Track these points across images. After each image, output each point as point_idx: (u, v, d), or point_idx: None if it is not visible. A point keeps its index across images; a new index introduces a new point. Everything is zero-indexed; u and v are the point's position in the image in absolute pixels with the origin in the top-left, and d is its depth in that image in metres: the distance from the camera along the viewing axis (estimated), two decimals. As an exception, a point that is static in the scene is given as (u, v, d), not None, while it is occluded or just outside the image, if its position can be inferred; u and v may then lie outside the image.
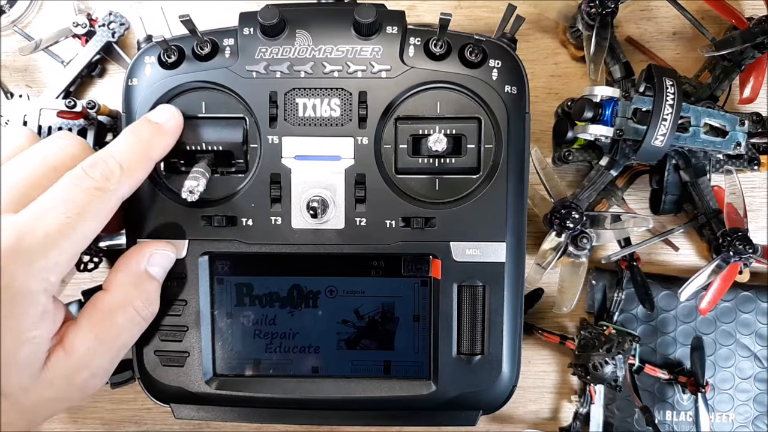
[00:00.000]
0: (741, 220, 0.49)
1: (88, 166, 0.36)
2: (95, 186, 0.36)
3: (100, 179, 0.36)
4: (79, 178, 0.36)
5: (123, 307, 0.39)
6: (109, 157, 0.37)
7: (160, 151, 0.40)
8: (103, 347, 0.38)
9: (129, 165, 0.38)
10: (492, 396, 0.43)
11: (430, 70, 0.41)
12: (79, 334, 0.37)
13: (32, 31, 0.53)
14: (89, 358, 0.37)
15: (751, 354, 0.54)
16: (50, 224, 0.34)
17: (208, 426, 0.56)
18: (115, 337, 0.38)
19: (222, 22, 0.43)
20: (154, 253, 0.40)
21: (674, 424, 0.54)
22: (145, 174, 0.39)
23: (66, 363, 0.36)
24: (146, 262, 0.40)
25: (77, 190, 0.35)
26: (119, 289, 0.39)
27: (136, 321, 0.39)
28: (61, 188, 0.36)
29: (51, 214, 0.34)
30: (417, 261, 0.43)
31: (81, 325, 0.37)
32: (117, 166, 0.37)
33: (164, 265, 0.41)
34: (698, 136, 0.48)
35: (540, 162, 0.49)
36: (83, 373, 0.37)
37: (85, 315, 0.38)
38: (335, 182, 0.42)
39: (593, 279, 0.54)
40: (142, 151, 0.39)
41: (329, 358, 0.44)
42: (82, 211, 0.35)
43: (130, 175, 0.38)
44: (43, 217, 0.34)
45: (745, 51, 0.49)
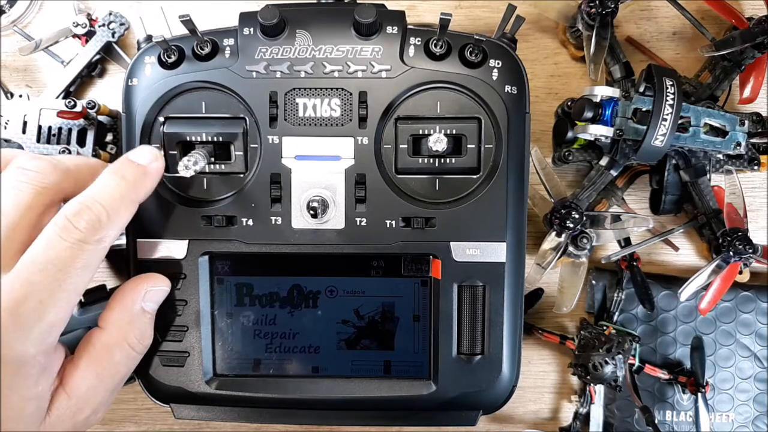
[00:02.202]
0: (741, 220, 0.49)
1: (73, 215, 0.35)
2: (82, 239, 0.34)
3: (87, 230, 0.35)
4: (64, 231, 0.34)
5: (119, 344, 0.39)
6: (94, 203, 0.36)
7: (144, 193, 0.39)
8: (102, 385, 0.38)
9: (115, 209, 0.36)
10: (492, 396, 0.43)
11: (430, 70, 0.41)
12: (78, 375, 0.37)
13: (32, 31, 0.53)
14: (90, 397, 0.38)
15: (751, 354, 0.54)
16: (42, 289, 0.33)
17: (208, 426, 0.56)
18: (114, 374, 0.39)
19: (222, 22, 0.43)
20: (149, 291, 0.40)
21: (674, 424, 0.54)
22: (129, 217, 0.37)
23: (68, 404, 0.37)
24: (141, 300, 0.40)
25: (63, 246, 0.34)
26: (115, 327, 0.39)
27: (131, 356, 0.40)
28: (46, 245, 0.34)
29: (41, 278, 0.33)
30: (417, 261, 0.43)
31: (80, 365, 0.37)
32: (103, 213, 0.35)
33: (158, 300, 0.41)
34: (698, 136, 0.48)
35: (540, 162, 0.49)
36: (86, 411, 0.38)
37: (83, 355, 0.38)
38: (335, 182, 0.42)
39: (593, 279, 0.54)
40: (128, 193, 0.37)
41: (329, 358, 0.44)
42: (72, 268, 0.34)
43: (117, 220, 0.36)
44: (34, 283, 0.33)
45: (745, 51, 0.49)
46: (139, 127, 0.42)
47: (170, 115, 0.42)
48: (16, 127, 0.49)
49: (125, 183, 0.37)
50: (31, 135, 0.49)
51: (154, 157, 0.39)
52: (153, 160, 0.39)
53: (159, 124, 0.42)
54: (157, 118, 0.42)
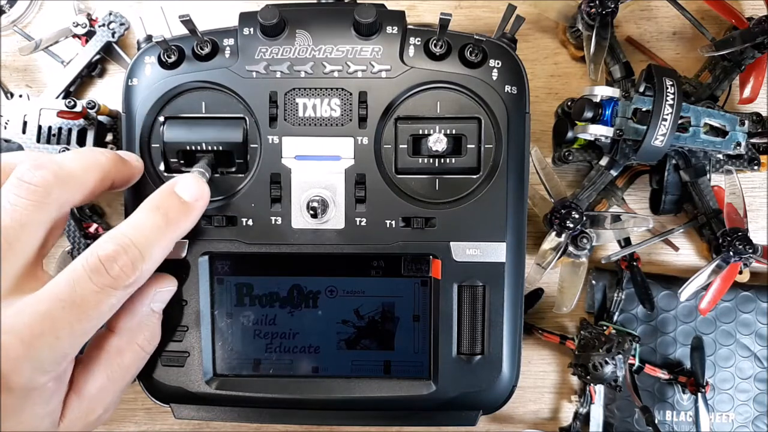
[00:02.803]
0: (741, 220, 0.49)
1: (106, 259, 0.33)
2: (112, 285, 0.33)
3: (118, 276, 0.33)
4: (94, 273, 0.33)
5: (129, 346, 0.39)
6: (130, 247, 0.34)
7: (183, 233, 0.37)
8: (113, 385, 0.38)
9: (152, 254, 0.34)
10: (492, 396, 0.43)
11: (430, 70, 0.41)
12: (90, 378, 0.37)
13: (32, 31, 0.53)
14: (101, 398, 0.38)
15: (751, 354, 0.54)
16: (62, 327, 0.32)
17: (208, 426, 0.56)
18: (124, 375, 0.39)
19: (222, 22, 0.43)
20: (158, 292, 0.40)
21: (674, 424, 0.54)
22: (164, 257, 0.36)
23: (80, 407, 0.37)
24: (150, 301, 0.39)
25: (91, 289, 0.33)
26: (125, 330, 0.39)
27: (141, 357, 0.40)
28: (74, 283, 0.33)
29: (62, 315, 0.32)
30: (417, 261, 0.43)
31: (91, 369, 0.38)
32: (139, 258, 0.34)
33: (166, 300, 0.41)
34: (698, 136, 0.48)
35: (540, 162, 0.49)
36: (98, 411, 0.38)
37: (94, 357, 0.38)
38: (335, 182, 0.42)
39: (593, 279, 0.54)
40: (168, 234, 0.36)
41: (329, 358, 0.44)
42: (96, 311, 0.33)
43: (151, 263, 0.35)
44: (56, 319, 0.32)
45: (745, 51, 0.49)
46: (139, 127, 0.42)
47: (170, 115, 0.42)
48: (16, 127, 0.49)
49: (166, 222, 0.36)
50: (31, 135, 0.49)
51: (201, 194, 0.38)
52: (199, 198, 0.37)
53: (159, 124, 0.42)
54: (157, 118, 0.42)
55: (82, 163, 0.36)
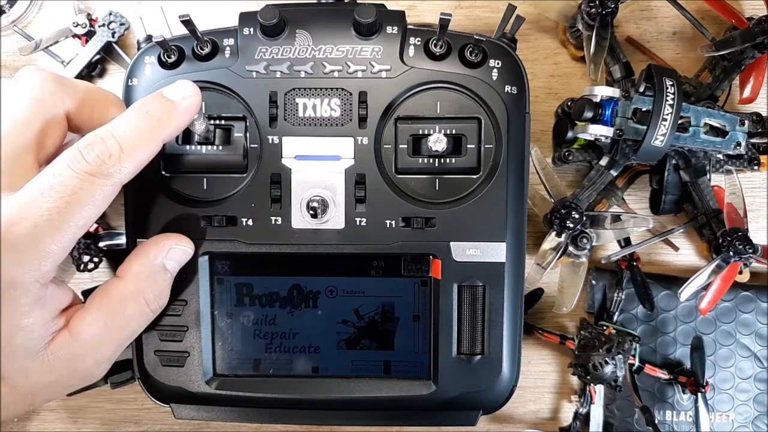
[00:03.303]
0: (741, 220, 0.49)
1: (84, 146, 0.34)
2: (89, 170, 0.33)
3: (96, 162, 0.34)
4: (72, 160, 0.33)
5: (134, 297, 0.38)
6: (109, 137, 0.34)
7: (170, 132, 0.37)
8: (110, 335, 0.37)
9: (131, 145, 0.35)
10: (492, 396, 0.43)
11: (430, 70, 0.41)
12: (87, 320, 0.36)
13: (32, 31, 0.53)
14: (95, 345, 0.37)
15: (751, 354, 0.54)
16: (39, 213, 0.32)
17: (208, 426, 0.56)
18: (124, 327, 0.38)
19: (222, 22, 0.43)
20: (173, 248, 0.40)
21: (674, 424, 0.54)
22: (149, 156, 0.36)
23: (70, 347, 0.36)
24: (164, 256, 0.39)
25: (70, 175, 0.33)
26: (133, 278, 0.38)
27: (145, 312, 0.39)
28: (53, 172, 0.33)
29: (41, 202, 0.32)
30: (417, 261, 0.43)
31: (90, 310, 0.37)
32: (116, 147, 0.34)
33: (180, 261, 0.40)
34: (698, 136, 0.48)
35: (540, 162, 0.49)
36: (87, 359, 0.37)
37: (95, 301, 0.37)
38: (335, 182, 0.42)
39: (593, 279, 0.54)
40: (149, 130, 0.36)
41: (329, 358, 0.44)
42: (74, 198, 0.33)
43: (132, 157, 0.35)
44: (33, 206, 0.32)
45: (745, 51, 0.49)
46: (139, 127, 0.42)
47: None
48: (16, 127, 0.49)
49: (147, 119, 0.36)
50: (31, 135, 0.49)
51: (189, 92, 0.37)
52: (187, 96, 0.37)
53: (159, 124, 0.42)
54: (157, 118, 0.42)
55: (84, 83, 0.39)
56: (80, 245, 0.51)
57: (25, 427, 0.56)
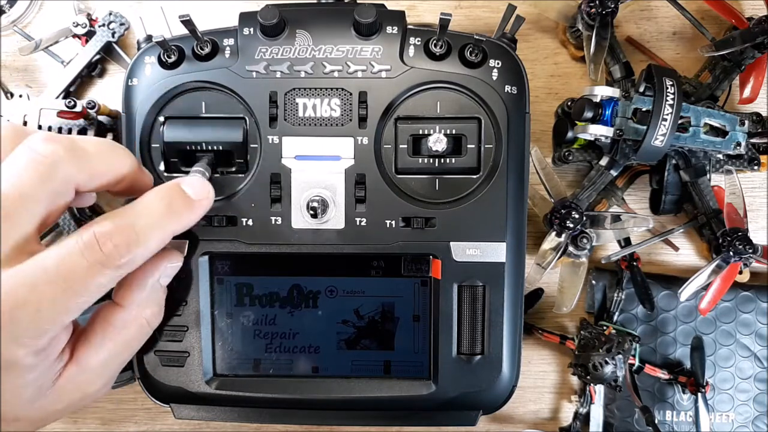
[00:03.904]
0: (741, 220, 0.49)
1: (101, 235, 0.32)
2: (103, 262, 0.32)
3: (111, 254, 0.32)
4: (87, 248, 0.32)
5: (136, 320, 0.38)
6: (129, 228, 0.33)
7: (183, 227, 0.37)
8: (115, 359, 0.38)
9: (148, 238, 0.34)
10: (492, 396, 0.43)
11: (430, 70, 0.41)
12: (92, 351, 0.37)
13: (32, 31, 0.53)
14: (103, 371, 0.37)
15: (751, 354, 0.54)
16: (44, 299, 0.31)
17: (208, 426, 0.56)
18: (126, 348, 0.39)
19: (222, 22, 0.43)
20: (167, 267, 0.39)
21: (674, 424, 0.54)
22: (160, 247, 0.35)
23: (79, 378, 0.36)
24: (160, 276, 0.39)
25: (82, 264, 0.32)
26: (134, 305, 0.38)
27: (145, 331, 0.40)
28: (64, 256, 0.32)
29: (46, 288, 0.31)
30: (417, 261, 0.43)
31: (94, 341, 0.37)
32: (134, 240, 0.33)
33: (172, 275, 0.41)
34: (698, 136, 0.48)
35: (540, 162, 0.49)
36: (96, 384, 0.37)
37: (99, 330, 0.37)
38: (335, 182, 0.42)
39: (593, 279, 0.54)
40: (168, 224, 0.35)
41: (329, 358, 0.44)
42: (83, 288, 0.32)
43: (146, 249, 0.34)
44: (38, 290, 0.31)
45: (745, 51, 0.49)
46: (139, 127, 0.42)
47: (170, 115, 0.42)
48: (16, 127, 0.49)
49: (168, 212, 0.35)
50: (31, 135, 0.49)
51: (206, 194, 0.38)
52: (204, 198, 0.37)
53: (159, 124, 0.42)
54: (157, 118, 0.42)
55: (99, 147, 0.36)
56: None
57: (25, 427, 0.56)
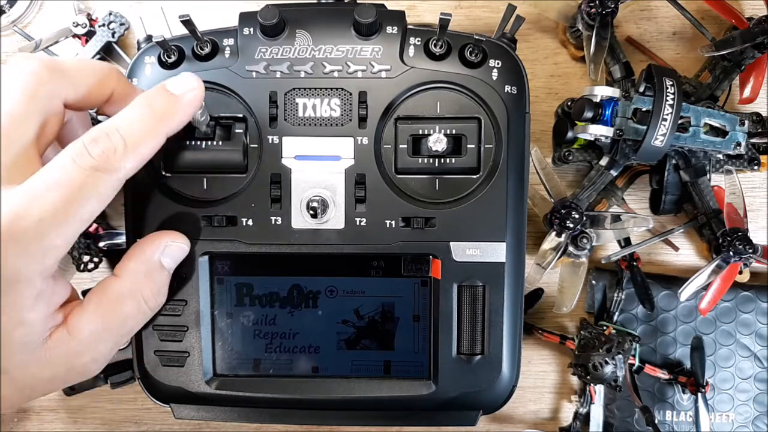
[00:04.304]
0: (741, 220, 0.49)
1: (89, 141, 0.34)
2: (94, 165, 0.33)
3: (101, 158, 0.34)
4: (78, 155, 0.33)
5: (132, 295, 0.38)
6: (114, 132, 0.34)
7: (174, 126, 0.37)
8: (107, 333, 0.37)
9: (135, 140, 0.35)
10: (492, 396, 0.43)
11: (430, 70, 0.41)
12: (84, 317, 0.36)
13: (32, 31, 0.53)
14: (92, 343, 0.37)
15: (751, 354, 0.54)
16: (44, 208, 0.32)
17: (208, 426, 0.56)
18: (121, 325, 0.38)
19: (222, 22, 0.43)
20: (169, 245, 0.39)
21: (674, 424, 0.54)
22: (153, 151, 0.36)
23: (68, 345, 0.36)
24: (160, 253, 0.39)
25: (75, 170, 0.33)
26: (130, 277, 0.38)
27: (142, 310, 0.39)
28: (58, 166, 0.33)
29: (46, 197, 0.32)
30: (417, 261, 0.43)
31: (88, 308, 0.37)
32: (121, 142, 0.34)
33: (177, 258, 0.40)
34: (698, 136, 0.48)
35: (540, 162, 0.49)
36: (85, 356, 0.37)
37: (93, 299, 0.37)
38: (335, 182, 0.42)
39: (593, 279, 0.54)
40: (153, 125, 0.36)
41: (329, 358, 0.44)
42: (79, 193, 0.33)
43: (136, 152, 0.35)
44: (38, 200, 0.32)
45: (745, 51, 0.49)
46: (139, 127, 0.42)
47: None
48: (16, 127, 0.49)
49: (151, 113, 0.36)
50: (31, 135, 0.49)
51: (192, 85, 0.37)
52: (190, 90, 0.37)
53: (159, 124, 0.42)
54: (157, 118, 0.42)
55: (79, 62, 0.38)
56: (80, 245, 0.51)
57: (25, 427, 0.56)
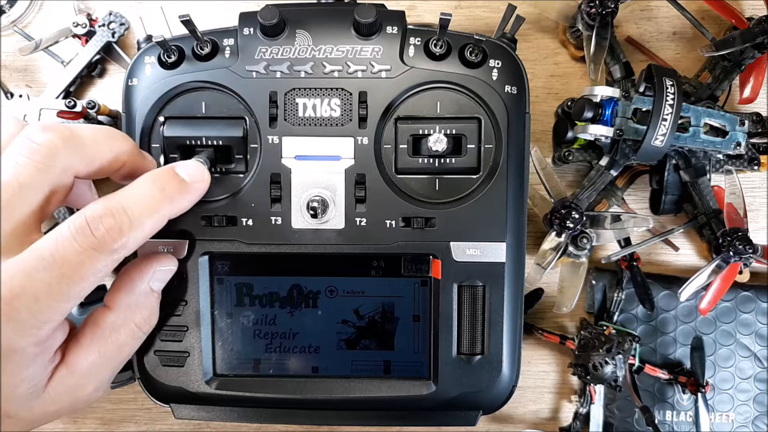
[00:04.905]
0: (741, 220, 0.49)
1: (93, 219, 0.33)
2: (94, 245, 0.32)
3: (103, 238, 0.32)
4: (79, 233, 0.32)
5: (125, 324, 0.38)
6: (120, 211, 0.33)
7: (177, 211, 0.37)
8: (105, 363, 0.38)
9: (140, 221, 0.34)
10: (492, 396, 0.43)
11: (430, 70, 0.41)
12: (81, 352, 0.37)
13: (32, 31, 0.53)
14: (92, 374, 0.37)
15: (751, 354, 0.54)
16: (41, 287, 0.32)
17: (208, 426, 0.56)
18: (118, 353, 0.38)
19: (222, 22, 0.43)
20: (157, 270, 0.39)
21: (674, 424, 0.54)
22: (155, 231, 0.35)
23: (70, 381, 0.36)
24: (149, 279, 0.39)
25: (74, 248, 0.32)
26: (121, 308, 0.38)
27: (137, 336, 0.39)
28: (57, 243, 0.32)
29: (42, 275, 0.32)
30: (417, 261, 0.43)
31: (83, 343, 0.37)
32: (126, 223, 0.33)
33: (166, 279, 0.41)
34: (698, 136, 0.48)
35: (540, 162, 0.49)
36: (87, 388, 0.37)
37: (88, 332, 0.37)
38: (335, 182, 0.42)
39: (593, 279, 0.54)
40: (160, 207, 0.35)
41: (329, 358, 0.44)
42: (77, 273, 0.32)
43: (139, 233, 0.34)
44: (35, 278, 0.32)
45: (745, 51, 0.49)
46: (139, 127, 0.42)
47: (170, 115, 0.42)
48: (16, 127, 0.49)
49: (161, 196, 0.35)
50: (31, 135, 0.49)
51: (201, 176, 0.38)
52: (199, 180, 0.38)
53: (159, 124, 0.42)
54: (157, 118, 0.42)
55: (95, 135, 0.36)
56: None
57: (25, 427, 0.56)
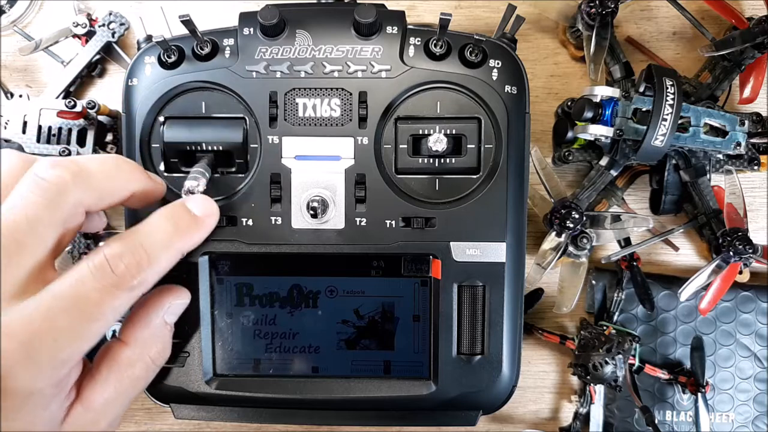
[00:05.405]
0: (741, 220, 0.49)
1: (112, 257, 0.33)
2: (115, 284, 0.32)
3: (123, 275, 0.33)
4: (98, 271, 0.32)
5: (141, 358, 0.38)
6: (138, 248, 0.34)
7: (191, 245, 0.37)
8: (120, 398, 0.37)
9: (157, 257, 0.34)
10: (492, 396, 0.43)
11: (430, 70, 0.41)
12: (97, 389, 0.36)
13: (32, 31, 0.53)
14: (107, 410, 0.37)
15: (751, 354, 0.54)
16: (61, 328, 0.31)
17: (208, 426, 0.56)
18: (133, 387, 0.38)
19: (222, 22, 0.43)
20: (172, 304, 0.39)
21: (674, 424, 0.54)
22: (170, 266, 0.35)
23: (85, 418, 0.36)
24: (164, 313, 0.39)
25: (94, 287, 0.32)
26: (138, 341, 0.38)
27: (151, 369, 0.39)
28: (76, 282, 0.32)
29: (62, 316, 0.31)
30: (417, 261, 0.43)
31: (98, 378, 0.36)
32: (145, 259, 0.33)
33: (179, 313, 0.40)
34: (698, 136, 0.48)
35: (540, 162, 0.49)
36: (101, 423, 0.37)
37: (103, 368, 0.37)
38: (335, 182, 0.42)
39: (593, 279, 0.54)
40: (175, 242, 0.35)
41: (329, 358, 0.44)
42: (97, 312, 0.32)
43: (156, 268, 0.34)
44: (55, 320, 0.31)
45: (745, 51, 0.49)
46: (139, 127, 0.42)
47: (170, 116, 0.42)
48: (16, 127, 0.49)
49: (175, 231, 0.36)
50: (31, 135, 0.49)
51: (212, 211, 0.38)
52: (209, 215, 0.38)
53: (159, 125, 0.42)
54: (157, 119, 0.42)
55: (105, 167, 0.36)
56: (80, 245, 0.51)
57: (25, 427, 0.56)
